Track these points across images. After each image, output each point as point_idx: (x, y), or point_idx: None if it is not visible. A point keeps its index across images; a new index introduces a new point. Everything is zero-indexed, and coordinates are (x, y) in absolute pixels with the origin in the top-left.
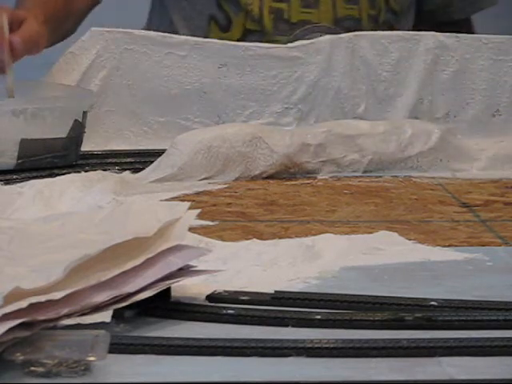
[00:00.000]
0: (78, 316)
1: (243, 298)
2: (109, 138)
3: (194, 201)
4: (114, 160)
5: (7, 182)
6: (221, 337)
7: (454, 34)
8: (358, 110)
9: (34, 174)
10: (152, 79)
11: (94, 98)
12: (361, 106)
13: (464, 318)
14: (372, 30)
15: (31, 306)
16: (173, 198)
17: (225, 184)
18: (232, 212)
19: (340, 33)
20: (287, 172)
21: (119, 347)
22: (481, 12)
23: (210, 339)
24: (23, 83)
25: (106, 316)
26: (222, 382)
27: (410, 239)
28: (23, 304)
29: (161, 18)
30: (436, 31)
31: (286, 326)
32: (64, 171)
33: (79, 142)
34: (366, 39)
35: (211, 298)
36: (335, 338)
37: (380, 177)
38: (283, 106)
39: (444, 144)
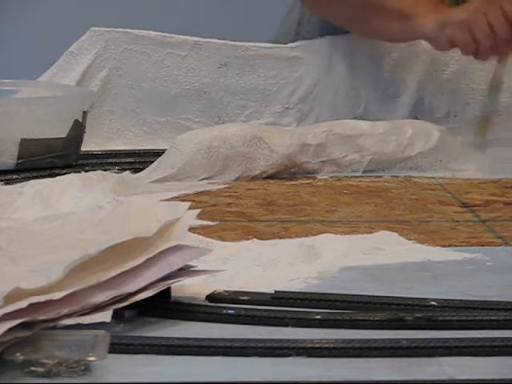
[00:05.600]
0: (78, 316)
1: (243, 297)
2: (109, 138)
3: (193, 201)
4: (114, 160)
5: (7, 182)
6: (221, 337)
7: None
8: (358, 110)
9: (34, 174)
10: (152, 79)
11: (94, 98)
12: (361, 106)
13: (464, 318)
14: None
15: (31, 305)
16: (173, 198)
17: (225, 184)
18: (232, 212)
19: None
20: (287, 172)
21: (119, 347)
22: None
23: (210, 339)
24: (23, 83)
25: (106, 316)
26: (222, 382)
27: (409, 239)
28: (23, 304)
29: None
30: None
31: (286, 326)
32: (64, 171)
33: (79, 142)
34: (366, 39)
35: (211, 297)
36: (335, 338)
37: (380, 177)
38: (283, 106)
39: (444, 144)
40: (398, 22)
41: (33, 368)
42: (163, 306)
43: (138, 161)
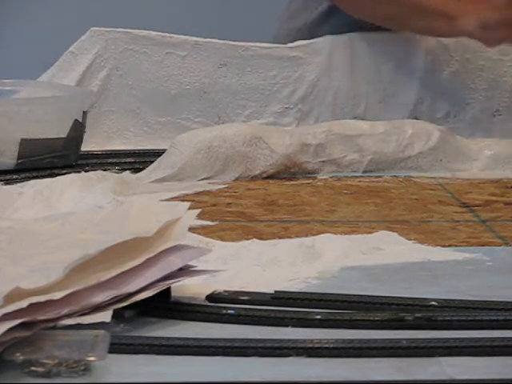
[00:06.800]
0: (78, 316)
1: (243, 297)
2: (109, 138)
3: (193, 201)
4: (114, 160)
5: (7, 182)
6: (221, 337)
7: None
8: (358, 110)
9: (34, 174)
10: (152, 79)
11: (94, 98)
12: (361, 106)
13: (464, 318)
14: None
15: (31, 305)
16: (173, 198)
17: (225, 184)
18: (232, 212)
19: None
20: (287, 172)
21: (119, 347)
22: None
23: (210, 339)
24: (23, 83)
25: (106, 316)
26: (222, 382)
27: (409, 239)
28: (23, 304)
29: None
30: None
31: (286, 326)
32: (64, 171)
33: (79, 142)
34: (366, 39)
35: (211, 297)
36: (335, 338)
37: (380, 177)
38: (283, 106)
39: (444, 144)
40: (441, 21)
41: (33, 368)
42: (163, 306)
43: (138, 161)
